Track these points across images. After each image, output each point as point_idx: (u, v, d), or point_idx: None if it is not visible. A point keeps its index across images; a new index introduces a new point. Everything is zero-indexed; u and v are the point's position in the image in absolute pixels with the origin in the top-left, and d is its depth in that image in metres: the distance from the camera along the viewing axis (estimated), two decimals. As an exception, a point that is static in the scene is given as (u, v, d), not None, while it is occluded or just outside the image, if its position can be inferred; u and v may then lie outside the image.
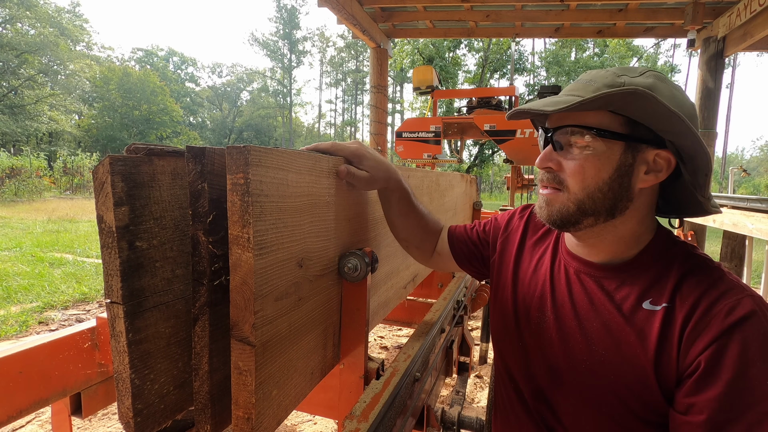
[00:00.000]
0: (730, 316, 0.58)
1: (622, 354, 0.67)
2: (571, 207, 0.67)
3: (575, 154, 0.66)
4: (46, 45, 24.39)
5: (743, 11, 4.22)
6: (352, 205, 0.83)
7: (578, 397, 0.72)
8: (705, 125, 4.89)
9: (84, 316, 3.62)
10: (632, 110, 0.62)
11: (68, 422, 1.00)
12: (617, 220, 0.68)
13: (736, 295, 0.60)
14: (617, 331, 0.68)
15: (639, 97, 0.58)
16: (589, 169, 0.65)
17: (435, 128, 5.42)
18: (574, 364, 0.72)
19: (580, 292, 0.74)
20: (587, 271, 0.74)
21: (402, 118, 41.36)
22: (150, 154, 0.52)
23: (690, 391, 0.59)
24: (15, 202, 12.81)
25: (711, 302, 0.61)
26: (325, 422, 2.18)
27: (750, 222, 3.53)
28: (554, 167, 0.68)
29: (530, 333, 0.80)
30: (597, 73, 0.67)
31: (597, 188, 0.65)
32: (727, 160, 41.02)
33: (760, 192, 31.15)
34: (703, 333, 0.59)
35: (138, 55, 44.97)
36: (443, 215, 1.72)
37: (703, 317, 0.60)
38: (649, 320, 0.65)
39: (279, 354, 0.58)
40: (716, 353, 0.57)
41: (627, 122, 0.64)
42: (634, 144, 0.64)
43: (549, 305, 0.78)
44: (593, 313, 0.71)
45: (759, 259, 6.16)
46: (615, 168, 0.65)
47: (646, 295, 0.67)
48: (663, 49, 31.96)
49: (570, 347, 0.73)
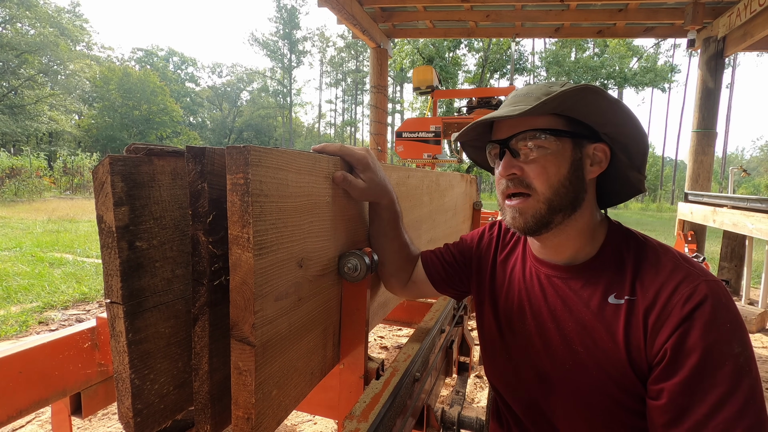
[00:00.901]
0: (688, 303, 0.61)
1: (599, 349, 0.70)
2: (542, 208, 0.71)
3: (534, 157, 0.70)
4: (46, 45, 24.38)
5: (743, 11, 4.22)
6: (352, 205, 0.83)
7: (569, 399, 0.74)
8: (705, 125, 4.89)
9: (84, 316, 3.62)
10: (580, 108, 0.68)
11: (68, 422, 1.00)
12: (577, 213, 0.73)
13: (692, 282, 0.64)
14: (591, 329, 0.71)
15: (590, 92, 0.64)
16: (550, 168, 0.70)
17: (435, 128, 5.41)
18: (559, 367, 0.75)
19: (553, 295, 0.78)
20: (555, 274, 0.78)
21: (402, 118, 41.40)
22: (150, 154, 0.52)
23: (658, 378, 0.63)
24: (15, 202, 12.81)
25: (670, 292, 0.64)
26: (325, 422, 2.18)
27: (750, 222, 3.54)
28: (518, 173, 0.71)
29: (516, 345, 0.83)
30: (530, 88, 0.74)
31: (560, 184, 0.70)
32: (727, 160, 41.01)
33: (760, 192, 31.15)
34: (666, 322, 0.63)
35: (138, 55, 45.00)
36: (443, 215, 1.72)
37: (664, 307, 0.64)
38: (616, 314, 0.69)
39: (279, 354, 0.58)
40: (679, 340, 0.61)
41: (569, 122, 0.71)
42: (578, 140, 0.71)
43: (528, 313, 0.81)
44: (567, 313, 0.75)
45: (759, 259, 6.16)
46: (570, 163, 0.71)
47: (610, 290, 0.71)
48: (663, 49, 32.04)
49: (552, 350, 0.76)
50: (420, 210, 1.34)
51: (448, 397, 1.83)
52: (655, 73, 24.49)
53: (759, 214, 3.47)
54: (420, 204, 1.34)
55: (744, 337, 0.60)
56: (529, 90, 0.73)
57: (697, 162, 4.95)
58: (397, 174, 1.09)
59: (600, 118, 0.70)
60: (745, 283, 4.17)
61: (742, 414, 0.55)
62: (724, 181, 26.46)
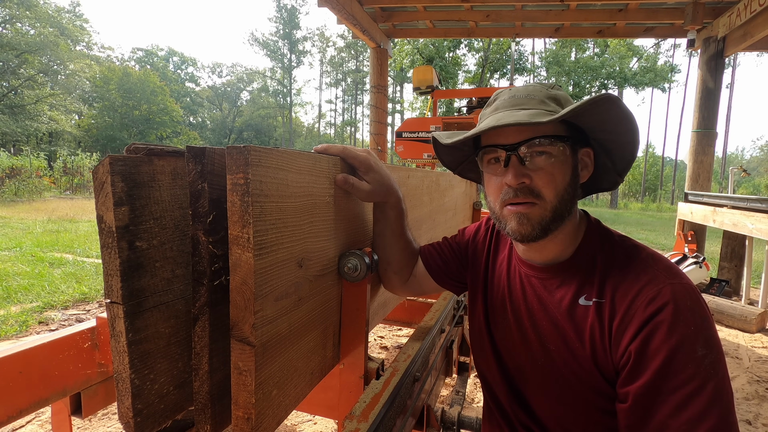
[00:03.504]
0: (650, 306, 0.62)
1: (568, 349, 0.71)
2: (548, 216, 0.70)
3: (543, 164, 0.69)
4: (46, 45, 24.36)
5: (743, 11, 4.22)
6: (352, 205, 0.83)
7: (544, 392, 0.77)
8: (705, 125, 4.89)
9: (84, 316, 3.62)
10: (588, 115, 0.66)
11: (68, 422, 1.00)
12: (568, 218, 0.72)
13: (656, 285, 0.63)
14: (562, 329, 0.72)
15: (611, 102, 0.62)
16: (558, 175, 0.69)
17: (435, 128, 5.41)
18: (534, 362, 0.77)
19: (531, 294, 0.79)
20: (535, 274, 0.79)
21: (402, 118, 41.37)
22: (150, 154, 0.52)
23: (624, 381, 0.63)
24: (15, 202, 12.80)
25: (634, 295, 0.64)
26: (325, 422, 2.18)
27: (750, 222, 3.54)
28: (527, 181, 0.69)
29: (499, 337, 0.85)
30: (527, 89, 0.72)
31: (564, 191, 0.70)
32: (727, 160, 40.99)
33: (760, 192, 31.16)
34: (629, 325, 0.63)
35: (138, 55, 44.98)
36: (443, 215, 1.72)
37: (627, 311, 0.64)
38: (584, 316, 0.70)
39: (279, 354, 0.58)
40: (642, 343, 0.61)
41: (568, 127, 0.70)
42: (574, 146, 0.71)
43: (509, 309, 0.83)
44: (543, 312, 0.76)
45: (759, 259, 6.16)
46: (572, 169, 0.71)
47: (581, 292, 0.72)
48: (663, 49, 32.04)
49: (528, 347, 0.78)
50: (420, 210, 1.34)
51: (448, 397, 1.83)
52: (655, 73, 24.49)
53: (759, 214, 3.47)
54: (420, 204, 1.34)
55: (710, 340, 0.59)
56: (530, 91, 0.71)
57: (697, 162, 4.95)
58: (397, 174, 1.09)
59: (601, 125, 0.69)
60: (745, 283, 4.17)
61: (704, 415, 0.55)
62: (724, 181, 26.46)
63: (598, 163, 0.77)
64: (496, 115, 0.71)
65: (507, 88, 0.77)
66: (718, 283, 4.50)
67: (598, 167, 0.77)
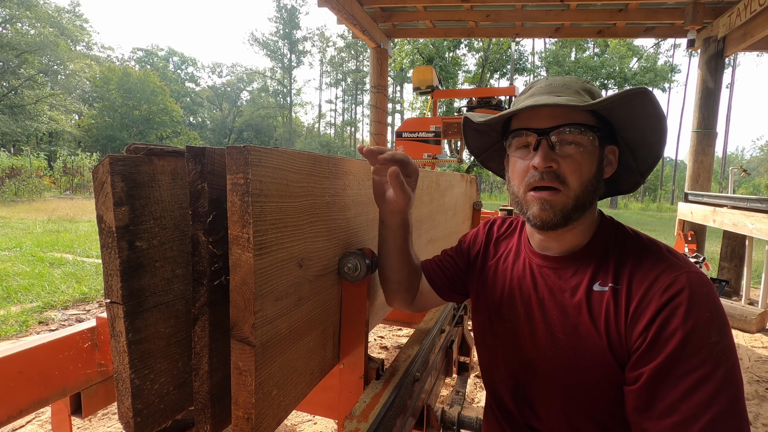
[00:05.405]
0: (667, 292, 0.63)
1: (580, 336, 0.71)
2: (570, 204, 0.70)
3: (571, 152, 0.69)
4: (46, 45, 24.35)
5: (743, 11, 4.22)
6: (352, 205, 0.83)
7: (550, 385, 0.76)
8: (705, 125, 4.89)
9: (84, 316, 3.62)
10: (627, 110, 0.67)
11: (68, 422, 1.00)
12: (589, 210, 0.73)
13: (673, 272, 0.65)
14: (574, 316, 0.72)
15: (644, 96, 0.63)
16: (585, 165, 0.70)
17: (435, 128, 5.41)
18: (542, 354, 0.77)
19: (542, 285, 0.79)
20: (548, 265, 0.79)
21: (402, 118, 41.39)
22: (150, 154, 0.52)
23: (636, 364, 0.64)
24: (15, 202, 12.80)
25: (651, 281, 0.65)
26: (325, 422, 2.18)
27: (750, 222, 3.54)
28: (555, 166, 0.70)
29: (504, 329, 0.84)
30: (564, 79, 0.74)
31: (589, 182, 0.71)
32: (727, 160, 40.99)
33: (760, 192, 31.16)
34: (646, 310, 0.64)
35: (138, 55, 44.95)
36: (443, 215, 1.72)
37: (644, 296, 0.65)
38: (599, 300, 0.70)
39: (279, 354, 0.58)
40: (658, 327, 0.62)
41: (598, 121, 0.71)
42: (602, 140, 0.72)
43: (518, 301, 0.82)
44: (553, 302, 0.76)
45: (759, 259, 6.16)
46: (598, 161, 0.72)
47: (596, 278, 0.72)
48: (663, 49, 32.04)
49: (537, 339, 0.78)
50: (420, 210, 1.34)
51: (448, 397, 1.83)
52: (655, 73, 24.48)
53: (759, 214, 3.47)
54: (420, 204, 1.34)
55: (723, 328, 0.60)
56: (566, 81, 0.73)
57: (697, 162, 4.95)
58: (397, 174, 1.09)
59: (632, 122, 0.70)
60: (745, 283, 4.17)
61: (713, 400, 0.56)
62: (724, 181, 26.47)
63: (621, 162, 0.77)
64: (532, 99, 0.71)
65: (543, 78, 0.78)
66: (718, 283, 4.50)
67: (622, 166, 0.78)
